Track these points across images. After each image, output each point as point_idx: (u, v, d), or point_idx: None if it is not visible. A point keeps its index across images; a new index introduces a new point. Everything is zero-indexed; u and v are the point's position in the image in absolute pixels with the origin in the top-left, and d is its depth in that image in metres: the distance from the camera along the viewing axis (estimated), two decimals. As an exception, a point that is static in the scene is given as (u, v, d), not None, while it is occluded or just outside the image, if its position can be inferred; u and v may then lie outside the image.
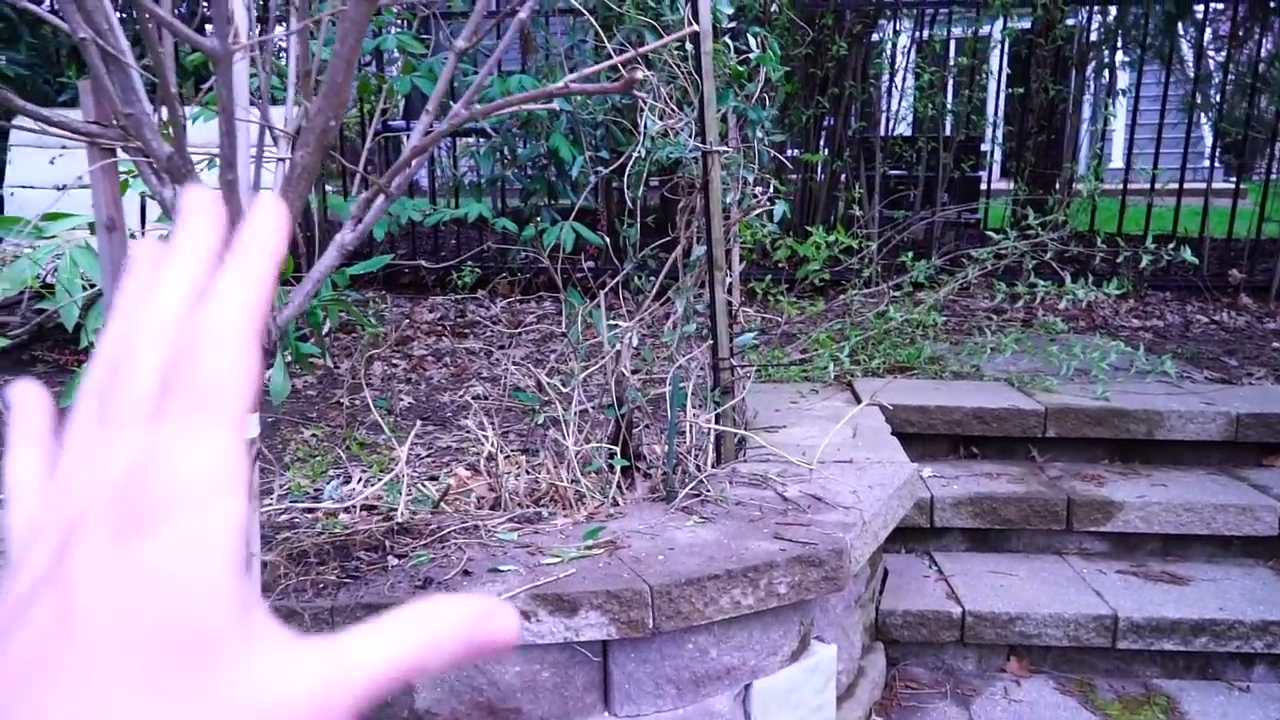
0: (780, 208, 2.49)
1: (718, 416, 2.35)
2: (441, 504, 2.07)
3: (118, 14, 1.15)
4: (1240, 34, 4.83)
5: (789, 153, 5.39)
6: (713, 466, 2.29)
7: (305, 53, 1.04)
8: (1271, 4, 4.61)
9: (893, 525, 2.08)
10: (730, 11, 2.52)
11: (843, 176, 5.09)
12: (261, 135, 1.13)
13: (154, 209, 3.84)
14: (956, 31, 5.22)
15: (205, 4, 4.77)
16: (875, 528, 1.95)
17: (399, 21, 4.48)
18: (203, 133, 2.39)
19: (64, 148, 3.48)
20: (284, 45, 2.18)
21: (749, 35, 2.45)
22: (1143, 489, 2.52)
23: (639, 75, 0.98)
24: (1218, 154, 7.77)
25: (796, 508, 1.95)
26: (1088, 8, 4.92)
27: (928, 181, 5.00)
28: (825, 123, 5.23)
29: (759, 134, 2.55)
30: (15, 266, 1.98)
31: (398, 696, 1.60)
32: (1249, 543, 2.44)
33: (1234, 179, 4.95)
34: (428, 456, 2.57)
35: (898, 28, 5.16)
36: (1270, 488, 2.51)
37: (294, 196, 0.95)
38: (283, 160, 1.15)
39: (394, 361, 3.58)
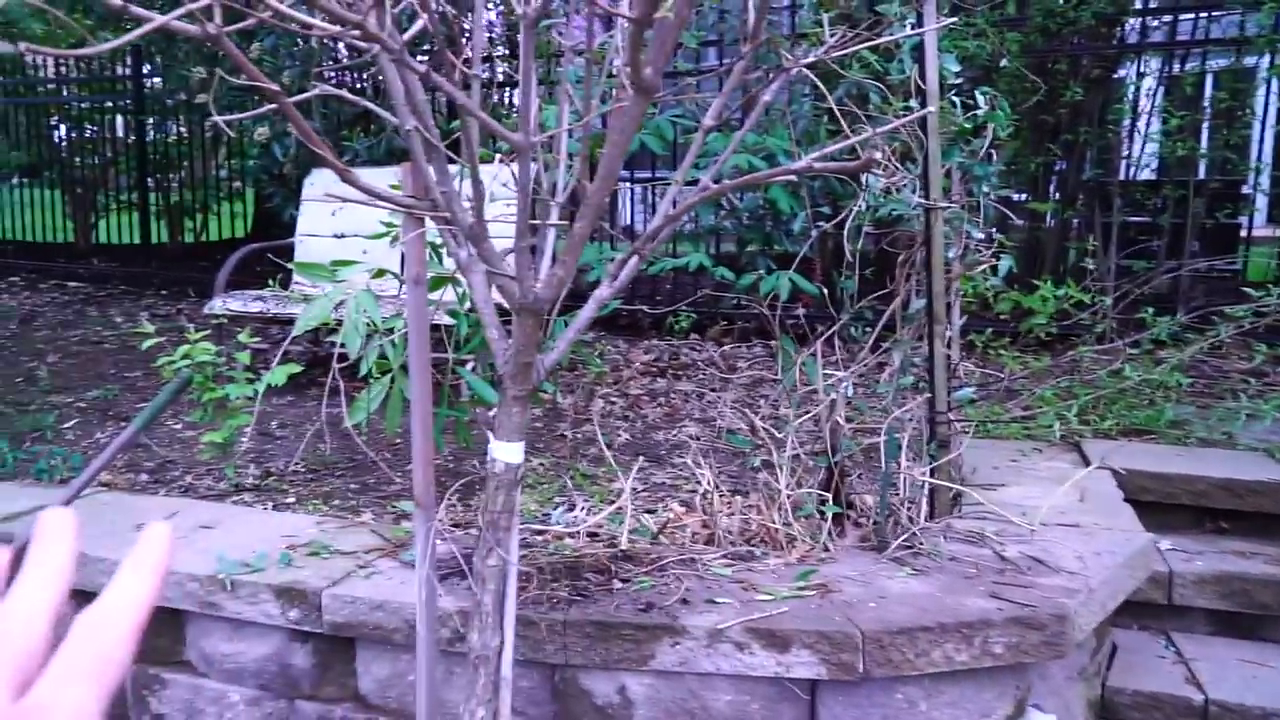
0: (1005, 263, 2.46)
1: (933, 470, 2.34)
2: (659, 536, 2.22)
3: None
4: None
5: (1017, 198, 5.20)
6: (926, 520, 2.28)
7: (587, 145, 1.22)
8: None
9: (1122, 597, 1.97)
10: (956, 69, 2.54)
11: (1075, 224, 4.83)
12: (528, 207, 1.32)
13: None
14: (1212, 66, 4.84)
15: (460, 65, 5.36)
16: (1102, 596, 1.86)
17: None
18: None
19: (343, 204, 4.05)
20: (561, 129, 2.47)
21: (977, 93, 2.46)
22: None
23: (877, 155, 1.07)
24: None
25: (1015, 568, 1.91)
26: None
27: (1174, 230, 4.64)
28: (1056, 168, 5.00)
29: (984, 189, 2.53)
30: (317, 305, 2.36)
31: (619, 710, 1.74)
32: None
33: None
34: (644, 491, 2.73)
35: (1142, 69, 4.87)
36: None
37: (571, 259, 1.12)
38: (554, 225, 1.34)
39: (612, 399, 3.82)
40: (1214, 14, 4.66)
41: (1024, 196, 5.12)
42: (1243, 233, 5.06)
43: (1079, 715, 1.96)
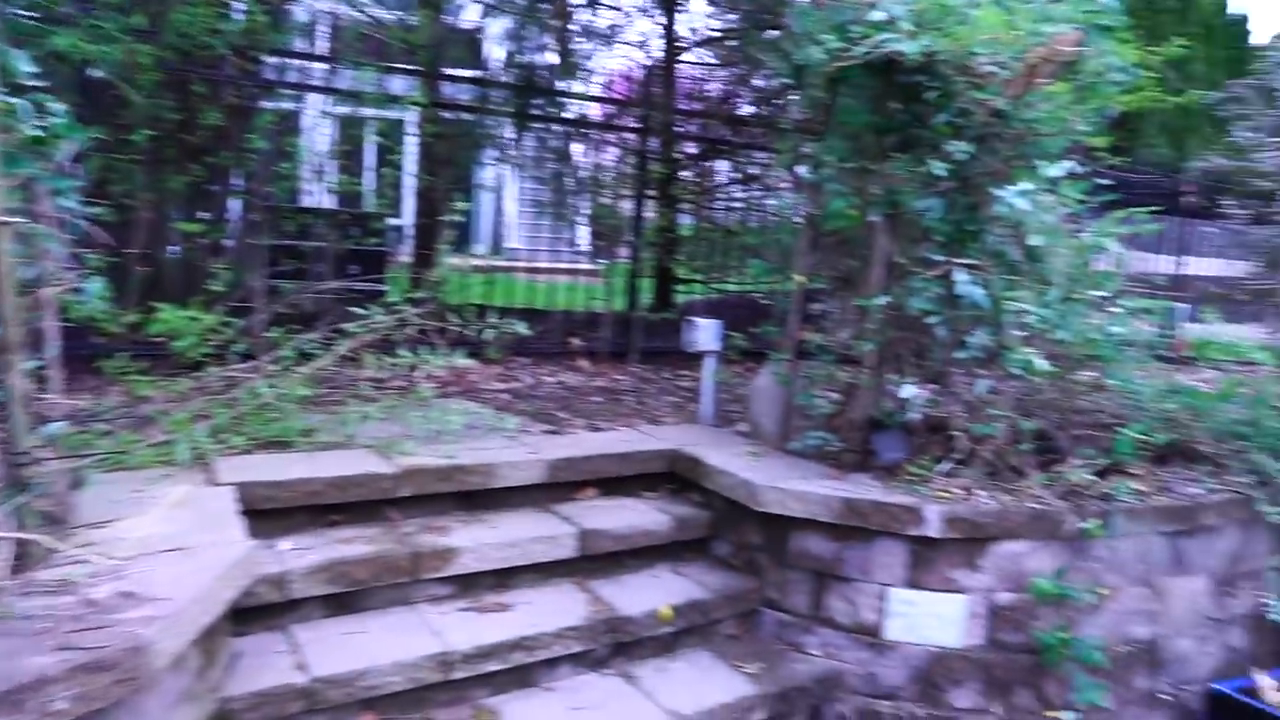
0: (96, 285, 2.32)
1: (20, 519, 2.07)
2: None
3: None
4: (567, 150, 5.99)
5: (174, 218, 5.05)
6: (11, 577, 2.00)
7: None
8: (583, 131, 5.81)
9: (222, 609, 2.05)
10: (33, 70, 2.29)
11: (227, 246, 4.92)
12: None
13: None
14: (373, 114, 5.50)
15: None
16: (194, 614, 1.90)
17: None
18: None
19: None
20: None
21: (53, 105, 2.25)
22: (479, 533, 2.89)
23: None
24: (588, 241, 9.34)
25: (100, 609, 1.81)
26: (454, 112, 5.60)
27: (321, 254, 5.12)
28: (213, 189, 5.02)
29: (70, 204, 2.35)
30: None
31: None
32: (558, 565, 2.96)
33: (600, 262, 6.06)
34: None
35: (285, 105, 5.23)
36: (573, 518, 3.09)
37: None
38: None
39: None
40: (335, 66, 5.27)
41: (177, 216, 5.00)
42: (399, 259, 5.92)
43: (187, 737, 1.97)
